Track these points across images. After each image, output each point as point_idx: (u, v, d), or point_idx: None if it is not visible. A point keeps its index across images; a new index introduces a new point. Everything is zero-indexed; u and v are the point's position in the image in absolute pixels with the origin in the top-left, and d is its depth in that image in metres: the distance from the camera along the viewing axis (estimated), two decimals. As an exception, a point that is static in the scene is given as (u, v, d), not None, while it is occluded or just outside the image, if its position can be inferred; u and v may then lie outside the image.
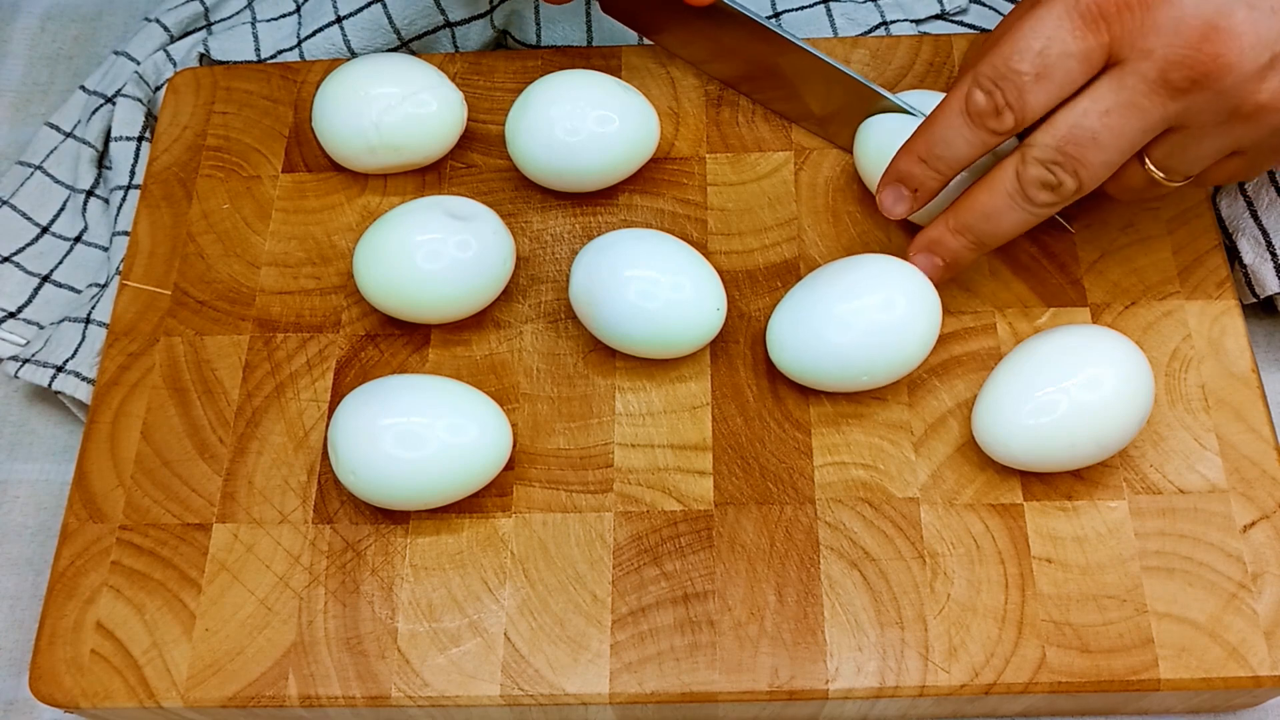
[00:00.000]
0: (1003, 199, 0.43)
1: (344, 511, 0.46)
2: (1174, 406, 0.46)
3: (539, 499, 0.45)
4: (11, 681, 0.49)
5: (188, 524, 0.46)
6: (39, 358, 0.52)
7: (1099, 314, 0.48)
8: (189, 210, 0.53)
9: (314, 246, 0.51)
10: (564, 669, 0.42)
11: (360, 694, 0.42)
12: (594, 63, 0.55)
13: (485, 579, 0.44)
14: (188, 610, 0.44)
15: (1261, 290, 0.50)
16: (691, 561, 0.44)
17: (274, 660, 0.43)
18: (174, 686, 0.43)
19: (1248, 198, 0.51)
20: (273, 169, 0.54)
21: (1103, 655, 0.42)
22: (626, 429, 0.47)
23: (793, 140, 0.52)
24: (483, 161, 0.53)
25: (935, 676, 0.41)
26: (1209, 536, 0.43)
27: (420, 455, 0.43)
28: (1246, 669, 0.41)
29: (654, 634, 0.43)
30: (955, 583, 0.43)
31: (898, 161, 0.45)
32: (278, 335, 0.49)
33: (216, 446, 0.47)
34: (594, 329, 0.47)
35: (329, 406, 0.48)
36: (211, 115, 0.55)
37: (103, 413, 0.48)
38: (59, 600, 0.45)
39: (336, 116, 0.50)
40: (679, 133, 0.53)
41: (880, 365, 0.45)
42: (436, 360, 0.49)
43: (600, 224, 0.51)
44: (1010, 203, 0.43)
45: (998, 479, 0.45)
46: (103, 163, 0.59)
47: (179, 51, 0.59)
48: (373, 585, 0.44)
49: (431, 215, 0.47)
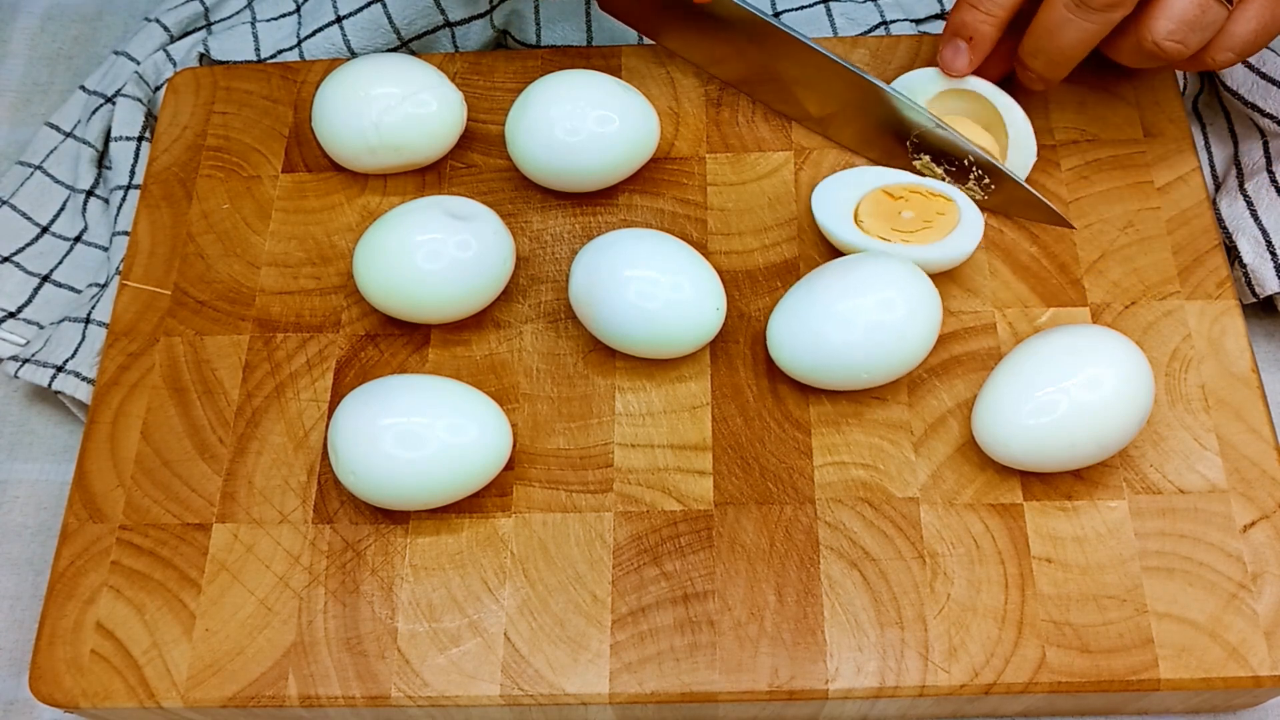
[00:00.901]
0: (1061, 12, 0.45)
1: (344, 511, 0.46)
2: (1174, 406, 0.46)
3: (539, 499, 0.45)
4: (11, 681, 0.49)
5: (188, 524, 0.46)
6: (39, 358, 0.52)
7: (1099, 314, 0.48)
8: (189, 210, 0.53)
9: (314, 246, 0.51)
10: (564, 669, 0.42)
11: (360, 694, 0.42)
12: (594, 63, 0.55)
13: (485, 579, 0.44)
14: (188, 610, 0.44)
15: (1261, 290, 0.50)
16: (691, 561, 0.44)
17: (274, 660, 0.43)
18: (174, 687, 0.43)
19: (1248, 198, 0.51)
20: (273, 169, 0.54)
21: (1103, 655, 0.42)
22: (626, 429, 0.47)
23: (793, 140, 0.52)
24: (483, 161, 0.53)
25: (935, 676, 0.41)
26: (1209, 536, 0.43)
27: (420, 455, 0.43)
28: (1246, 669, 0.41)
29: (654, 634, 0.43)
30: (955, 583, 0.43)
31: (953, 13, 0.48)
32: (278, 335, 0.49)
33: (216, 446, 0.47)
34: (594, 329, 0.47)
35: (329, 406, 0.48)
36: (211, 115, 0.55)
37: (103, 413, 0.48)
38: (59, 600, 0.45)
39: (336, 116, 0.50)
40: (679, 133, 0.53)
41: (880, 364, 0.45)
42: (436, 360, 0.49)
43: (600, 224, 0.51)
44: (1068, 15, 0.45)
45: (998, 479, 0.45)
46: (103, 163, 0.59)
47: (179, 51, 0.59)
48: (373, 585, 0.44)
49: (431, 215, 0.47)
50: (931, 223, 0.48)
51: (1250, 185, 0.51)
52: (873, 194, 0.49)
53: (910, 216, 0.48)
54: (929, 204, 0.48)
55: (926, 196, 0.49)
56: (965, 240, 0.48)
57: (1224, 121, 0.55)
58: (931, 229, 0.48)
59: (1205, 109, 0.56)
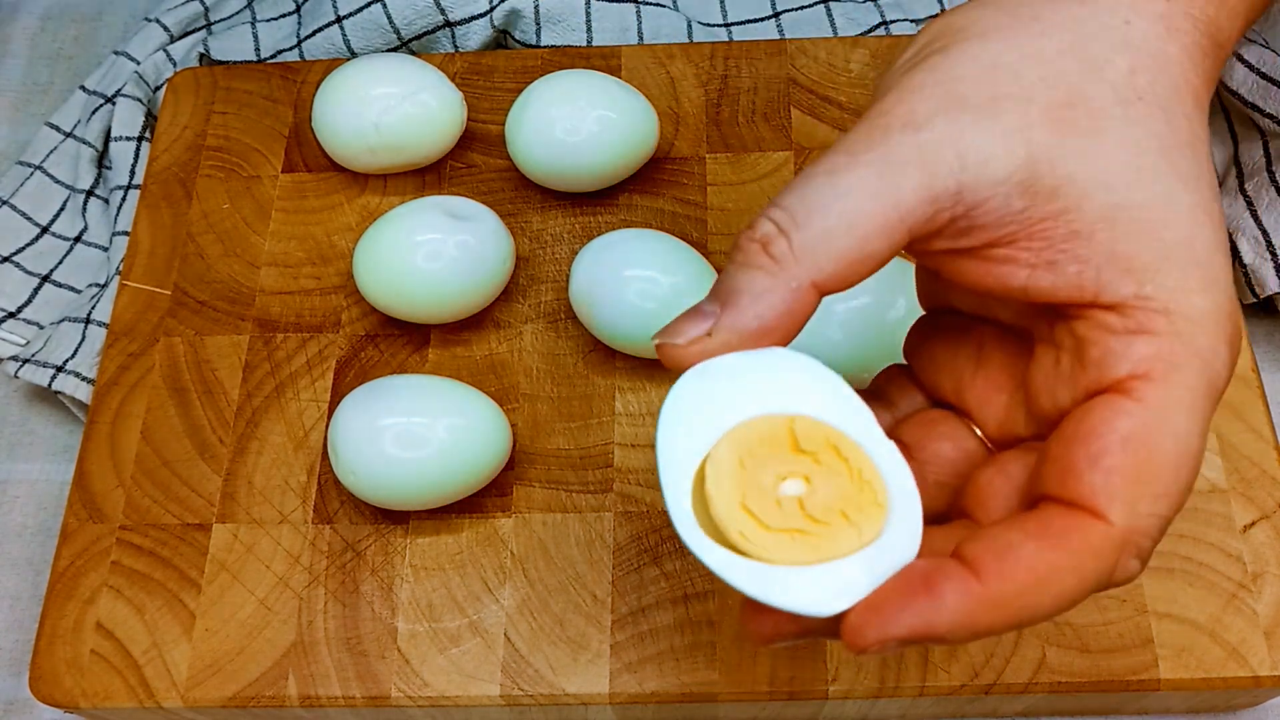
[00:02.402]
0: None
1: (344, 511, 0.46)
2: (1174, 406, 0.46)
3: (539, 499, 0.45)
4: (11, 681, 0.49)
5: (188, 524, 0.46)
6: (39, 358, 0.52)
7: (1099, 314, 0.48)
8: (189, 210, 0.53)
9: (314, 246, 0.51)
10: (564, 669, 0.42)
11: (360, 694, 0.42)
12: (594, 63, 0.55)
13: (485, 579, 0.44)
14: (188, 610, 0.44)
15: (1261, 290, 0.50)
16: (692, 561, 0.44)
17: (274, 660, 0.43)
18: (174, 686, 0.43)
19: (1248, 197, 0.51)
20: (273, 169, 0.54)
21: (1103, 655, 0.42)
22: (626, 429, 0.47)
23: (793, 140, 0.52)
24: (483, 161, 0.53)
25: (935, 676, 0.41)
26: (1209, 536, 0.43)
27: (420, 455, 0.43)
28: (1246, 669, 0.41)
29: (654, 634, 0.43)
30: (955, 583, 0.43)
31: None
32: (278, 335, 0.49)
33: (216, 446, 0.47)
34: (594, 329, 0.47)
35: (329, 406, 0.48)
36: (211, 115, 0.55)
37: (103, 413, 0.48)
38: (59, 600, 0.45)
39: (336, 116, 0.50)
40: (679, 133, 0.53)
41: (880, 364, 0.44)
42: (436, 360, 0.49)
43: (600, 224, 0.51)
44: None
45: (998, 479, 0.45)
46: (103, 163, 0.59)
47: (179, 51, 0.59)
48: (373, 585, 0.44)
49: (431, 215, 0.47)
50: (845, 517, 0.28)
51: (1250, 185, 0.51)
52: (745, 431, 0.29)
53: (801, 494, 0.28)
54: (837, 477, 0.28)
55: (836, 462, 0.28)
56: (897, 556, 0.28)
57: (1224, 121, 0.55)
58: (841, 529, 0.28)
59: (1205, 109, 0.56)
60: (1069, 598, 0.27)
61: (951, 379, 0.32)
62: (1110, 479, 0.27)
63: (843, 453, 0.28)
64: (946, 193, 0.27)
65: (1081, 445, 0.27)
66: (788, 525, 0.27)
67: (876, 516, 0.28)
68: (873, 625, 0.26)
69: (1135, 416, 0.27)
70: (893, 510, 0.28)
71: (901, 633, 0.26)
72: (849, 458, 0.28)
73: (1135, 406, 0.27)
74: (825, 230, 0.28)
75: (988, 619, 0.26)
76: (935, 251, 0.29)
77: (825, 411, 0.29)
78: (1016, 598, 0.26)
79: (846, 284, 0.29)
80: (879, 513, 0.28)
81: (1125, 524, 0.26)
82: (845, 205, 0.28)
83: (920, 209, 0.28)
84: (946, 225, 0.28)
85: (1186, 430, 0.27)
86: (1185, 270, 0.27)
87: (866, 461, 0.28)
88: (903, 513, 0.28)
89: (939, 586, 0.26)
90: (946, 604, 0.26)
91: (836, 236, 0.28)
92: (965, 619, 0.26)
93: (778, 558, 0.27)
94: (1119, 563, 0.27)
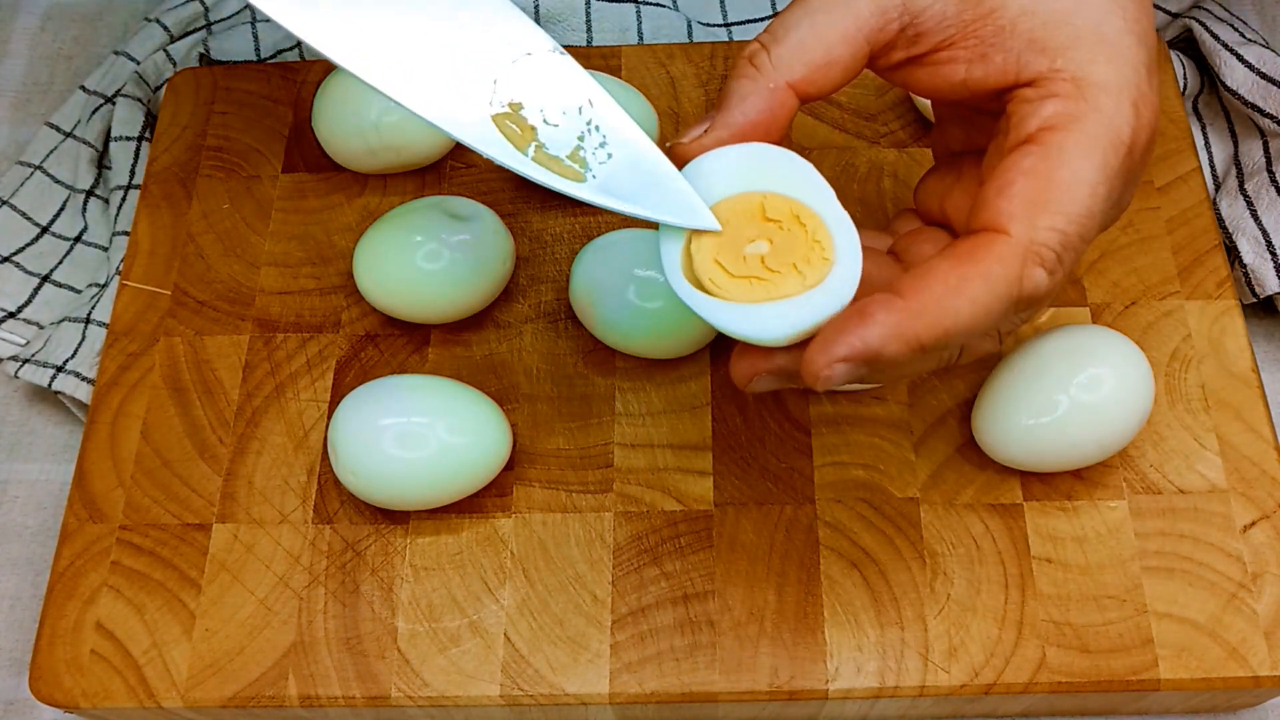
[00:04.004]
0: None
1: (344, 511, 0.46)
2: (1174, 406, 0.46)
3: (539, 499, 0.45)
4: (11, 681, 0.49)
5: (188, 524, 0.46)
6: (39, 358, 0.52)
7: (1099, 314, 0.48)
8: (189, 210, 0.53)
9: (314, 246, 0.51)
10: (564, 669, 0.42)
11: (360, 694, 0.42)
12: (594, 63, 0.55)
13: (485, 579, 0.44)
14: (188, 610, 0.44)
15: (1261, 290, 0.50)
16: (691, 561, 0.44)
17: (274, 660, 0.43)
18: (174, 687, 0.43)
19: (1248, 197, 0.51)
20: (273, 169, 0.53)
21: (1103, 655, 0.42)
22: (626, 429, 0.47)
23: (793, 140, 0.52)
24: (483, 161, 0.53)
25: (935, 676, 0.41)
26: (1209, 536, 0.43)
27: (420, 455, 0.43)
28: (1246, 669, 0.41)
29: (654, 634, 0.43)
30: (955, 583, 0.43)
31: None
32: (278, 335, 0.49)
33: (216, 446, 0.47)
34: (594, 329, 0.47)
35: (329, 406, 0.48)
36: (211, 115, 0.55)
37: (103, 413, 0.48)
38: (59, 600, 0.45)
39: (336, 116, 0.50)
40: (679, 133, 0.53)
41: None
42: (436, 360, 0.49)
43: (600, 224, 0.51)
44: None
45: (998, 479, 0.45)
46: (103, 163, 0.59)
47: (179, 51, 0.59)
48: (373, 585, 0.44)
49: (431, 215, 0.47)
50: (796, 266, 0.34)
51: (1250, 185, 0.51)
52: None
53: (764, 253, 0.34)
54: (795, 239, 0.34)
55: (795, 227, 0.34)
56: (833, 297, 0.33)
57: (1224, 121, 0.55)
58: (790, 277, 0.34)
59: (1205, 109, 0.56)
60: (982, 303, 0.31)
61: (937, 199, 0.38)
62: (1011, 202, 0.32)
63: (801, 220, 0.34)
64: (893, 5, 0.33)
65: (992, 183, 0.32)
66: (749, 273, 0.33)
67: (822, 268, 0.33)
68: (820, 352, 0.31)
69: (1036, 155, 0.32)
70: (838, 263, 0.33)
71: (844, 352, 0.31)
72: (806, 224, 0.34)
73: (1038, 149, 0.32)
74: (799, 41, 0.34)
75: (912, 327, 0.31)
76: (896, 64, 0.35)
77: (794, 190, 0.34)
78: (934, 304, 0.31)
79: (818, 87, 0.34)
80: (825, 265, 0.33)
81: (1025, 236, 0.31)
82: (814, 20, 0.34)
83: (873, 20, 0.33)
84: (898, 35, 0.34)
85: (1083, 166, 0.32)
86: (1094, 48, 0.32)
87: (821, 227, 0.34)
88: (847, 265, 0.33)
89: (869, 309, 0.31)
90: (876, 320, 0.31)
91: (808, 47, 0.34)
92: (893, 330, 0.31)
93: (738, 297, 0.33)
94: (1024, 271, 0.31)
